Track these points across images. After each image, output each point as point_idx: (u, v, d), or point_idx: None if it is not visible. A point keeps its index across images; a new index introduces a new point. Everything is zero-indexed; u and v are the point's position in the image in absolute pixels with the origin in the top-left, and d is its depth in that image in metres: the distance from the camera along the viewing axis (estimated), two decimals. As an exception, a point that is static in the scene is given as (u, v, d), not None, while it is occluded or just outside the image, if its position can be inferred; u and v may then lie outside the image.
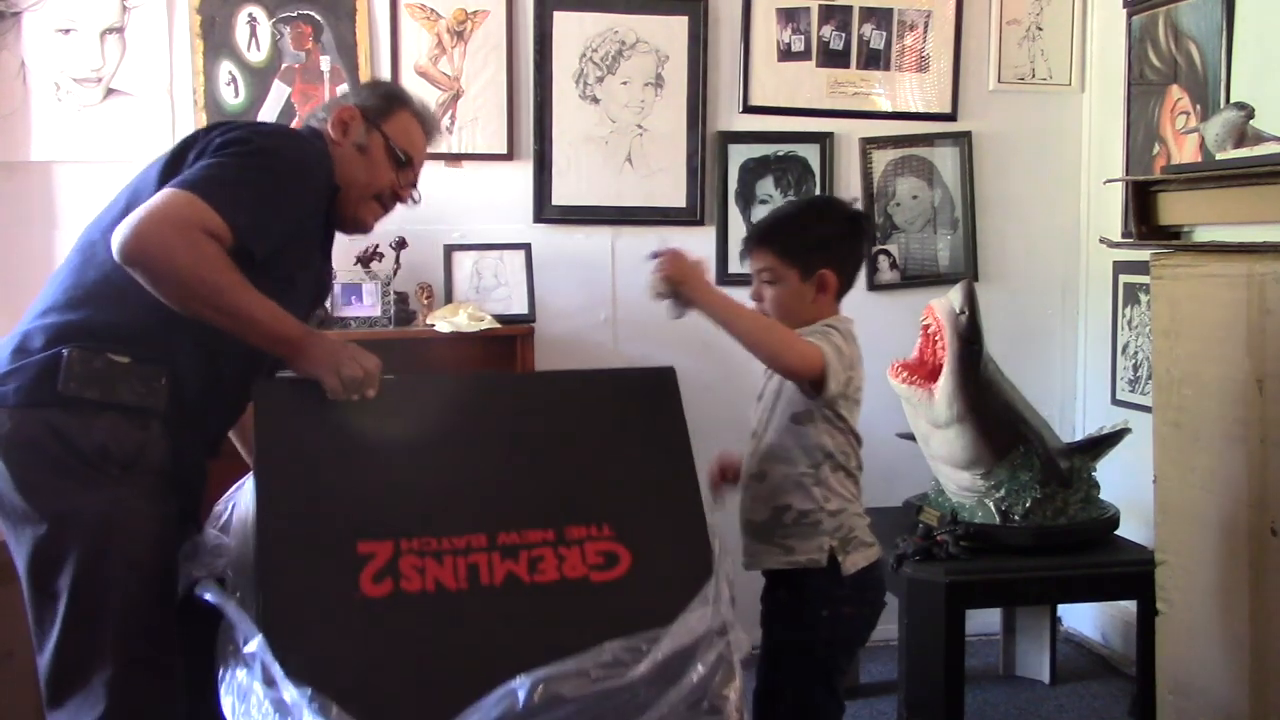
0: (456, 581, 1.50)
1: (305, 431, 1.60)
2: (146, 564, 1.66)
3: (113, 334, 1.67)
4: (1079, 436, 3.25)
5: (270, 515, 1.53)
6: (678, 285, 1.82)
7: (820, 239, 1.97)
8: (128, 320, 1.67)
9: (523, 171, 3.26)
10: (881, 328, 3.29)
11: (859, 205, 3.28)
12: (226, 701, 1.42)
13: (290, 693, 1.34)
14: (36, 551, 1.64)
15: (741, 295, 1.90)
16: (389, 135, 1.97)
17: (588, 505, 1.60)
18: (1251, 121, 2.37)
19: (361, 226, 1.99)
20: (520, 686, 1.37)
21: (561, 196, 3.27)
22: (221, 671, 1.44)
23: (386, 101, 2.01)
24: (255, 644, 1.39)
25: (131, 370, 1.66)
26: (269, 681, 1.36)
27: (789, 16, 3.34)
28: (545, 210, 3.27)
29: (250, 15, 3.10)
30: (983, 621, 3.29)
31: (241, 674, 1.40)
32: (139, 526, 1.66)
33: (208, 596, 1.56)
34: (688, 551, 1.60)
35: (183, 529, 1.74)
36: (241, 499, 1.75)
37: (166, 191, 1.62)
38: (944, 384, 2.62)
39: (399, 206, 2.03)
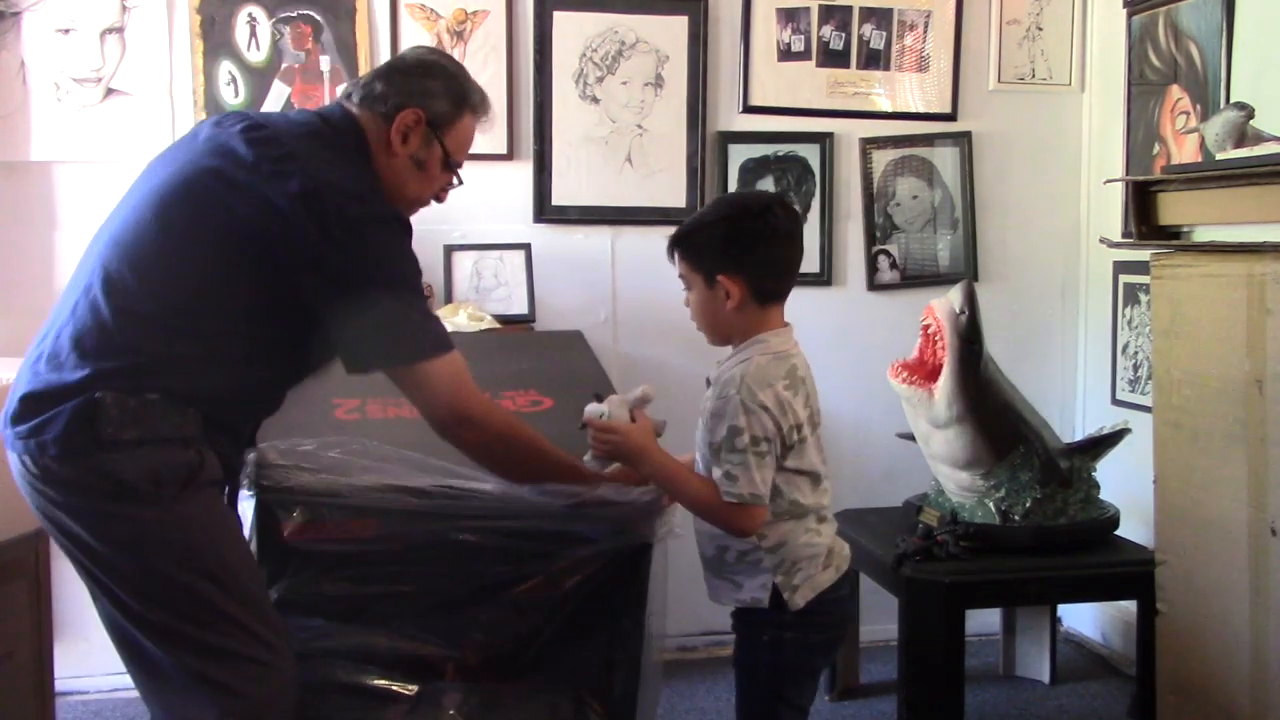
0: (413, 414, 1.80)
1: None
2: (220, 573, 1.63)
3: (143, 373, 1.61)
4: (1079, 436, 3.25)
5: None
6: (618, 460, 1.80)
7: (720, 242, 1.80)
8: (156, 357, 1.62)
9: (523, 171, 3.26)
10: (881, 328, 3.30)
11: (793, 199, 3.20)
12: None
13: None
14: (122, 580, 1.61)
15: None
16: (449, 149, 1.80)
17: (517, 380, 2.18)
18: (1251, 121, 2.37)
19: None
20: None
21: (561, 196, 3.27)
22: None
23: (454, 106, 1.80)
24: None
25: (163, 404, 1.61)
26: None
27: (789, 16, 3.34)
28: (545, 210, 3.27)
29: (250, 15, 3.10)
30: (983, 621, 3.29)
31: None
32: (206, 537, 1.64)
33: None
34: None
35: None
36: None
37: (431, 371, 1.70)
38: (944, 384, 2.62)
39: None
